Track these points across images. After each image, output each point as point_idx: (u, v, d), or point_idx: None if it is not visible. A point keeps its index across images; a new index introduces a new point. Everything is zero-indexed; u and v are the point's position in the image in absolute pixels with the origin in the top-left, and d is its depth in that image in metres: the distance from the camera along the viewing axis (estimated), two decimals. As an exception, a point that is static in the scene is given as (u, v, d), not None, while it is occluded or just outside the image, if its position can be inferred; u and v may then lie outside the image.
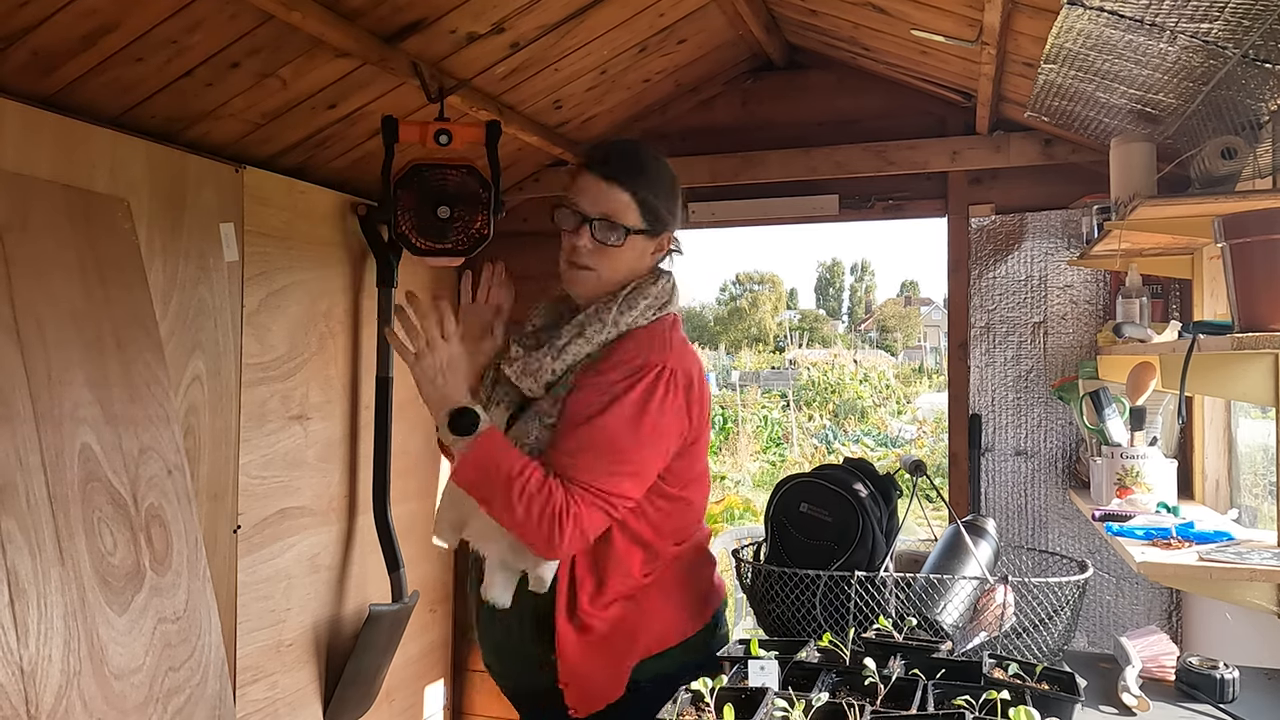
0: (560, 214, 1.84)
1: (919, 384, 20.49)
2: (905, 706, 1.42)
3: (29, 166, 2.23)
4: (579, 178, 1.85)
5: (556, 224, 1.84)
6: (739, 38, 3.38)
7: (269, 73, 2.53)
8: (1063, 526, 3.32)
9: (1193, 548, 2.08)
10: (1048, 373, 3.35)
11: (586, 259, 1.82)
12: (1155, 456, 2.60)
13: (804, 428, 14.27)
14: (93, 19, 2.12)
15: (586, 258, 1.82)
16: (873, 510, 1.97)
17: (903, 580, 1.85)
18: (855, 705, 1.39)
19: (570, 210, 1.83)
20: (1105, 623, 3.19)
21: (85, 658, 2.10)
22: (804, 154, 3.57)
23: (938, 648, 1.66)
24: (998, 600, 1.81)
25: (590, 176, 1.83)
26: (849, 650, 1.62)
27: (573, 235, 1.83)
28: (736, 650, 1.70)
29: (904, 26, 2.79)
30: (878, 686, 1.45)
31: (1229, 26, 1.73)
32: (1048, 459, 3.36)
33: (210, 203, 2.75)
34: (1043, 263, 3.37)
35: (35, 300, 2.18)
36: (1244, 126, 1.94)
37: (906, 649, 1.64)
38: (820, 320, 45.86)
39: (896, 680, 1.47)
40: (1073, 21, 1.84)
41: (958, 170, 3.44)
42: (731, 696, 1.40)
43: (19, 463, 2.07)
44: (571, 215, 1.83)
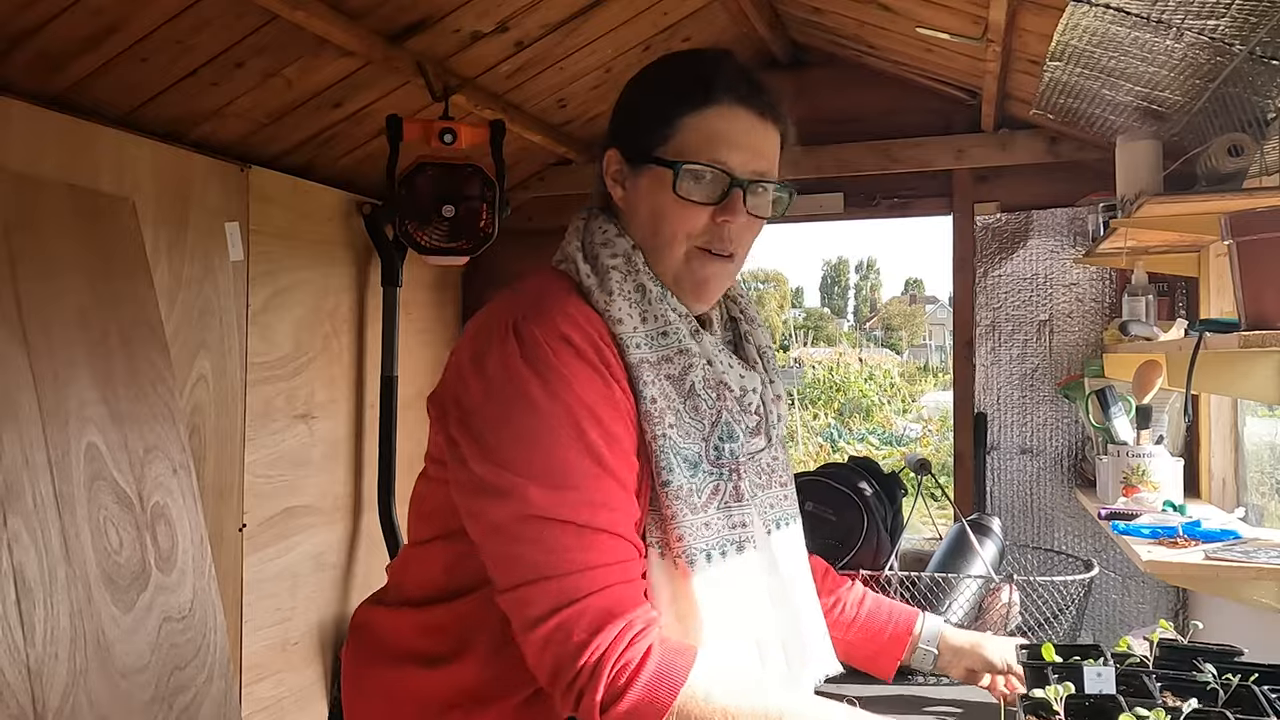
0: (692, 177, 1.16)
1: (924, 382, 20.45)
2: (1260, 714, 1.31)
3: (35, 166, 2.24)
4: (719, 116, 1.18)
5: (681, 195, 1.16)
6: (743, 35, 3.37)
7: (274, 72, 2.53)
8: (1068, 525, 3.31)
9: (1199, 546, 2.07)
10: (1053, 371, 3.35)
11: (735, 243, 1.21)
12: (1161, 455, 2.60)
13: (809, 426, 14.26)
14: (98, 19, 2.13)
15: (736, 242, 1.21)
16: (877, 509, 1.96)
17: (908, 579, 1.84)
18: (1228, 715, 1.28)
19: (715, 170, 1.16)
20: (1111, 622, 3.18)
21: (91, 656, 2.10)
22: (808, 152, 3.55)
23: (1240, 652, 1.58)
24: (1003, 599, 1.81)
25: (743, 112, 1.19)
26: (1152, 656, 1.53)
27: (725, 213, 1.18)
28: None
29: (909, 24, 2.79)
30: (1218, 693, 1.36)
31: (1235, 23, 1.73)
32: (1053, 457, 3.35)
33: (215, 202, 2.75)
34: (1048, 261, 3.36)
35: (41, 300, 2.18)
36: (1251, 123, 1.93)
37: (1207, 653, 1.56)
38: (825, 319, 45.80)
39: (1236, 687, 1.36)
40: (1079, 18, 1.83)
41: (963, 168, 3.44)
42: (1074, 705, 1.31)
43: (25, 461, 2.07)
44: (717, 177, 1.17)
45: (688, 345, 1.16)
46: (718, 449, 1.16)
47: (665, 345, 1.15)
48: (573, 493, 1.05)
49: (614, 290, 1.15)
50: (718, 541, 1.13)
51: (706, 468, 1.15)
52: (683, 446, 1.13)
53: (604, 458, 1.07)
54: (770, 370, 1.29)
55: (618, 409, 1.10)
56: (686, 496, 1.11)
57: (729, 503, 1.15)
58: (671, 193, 1.16)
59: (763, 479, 1.25)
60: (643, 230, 1.20)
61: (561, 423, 1.06)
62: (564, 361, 1.08)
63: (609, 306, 1.14)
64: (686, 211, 1.17)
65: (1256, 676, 1.38)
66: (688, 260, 1.19)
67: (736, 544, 1.15)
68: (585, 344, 1.09)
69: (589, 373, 1.09)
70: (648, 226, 1.20)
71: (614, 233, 1.20)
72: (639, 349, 1.13)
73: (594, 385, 1.08)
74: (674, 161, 1.16)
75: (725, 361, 1.21)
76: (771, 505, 1.25)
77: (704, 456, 1.15)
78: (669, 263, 1.19)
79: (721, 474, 1.16)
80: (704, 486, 1.14)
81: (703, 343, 1.19)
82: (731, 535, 1.15)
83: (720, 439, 1.17)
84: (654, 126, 1.18)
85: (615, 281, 1.15)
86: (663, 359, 1.15)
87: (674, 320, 1.17)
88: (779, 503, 1.27)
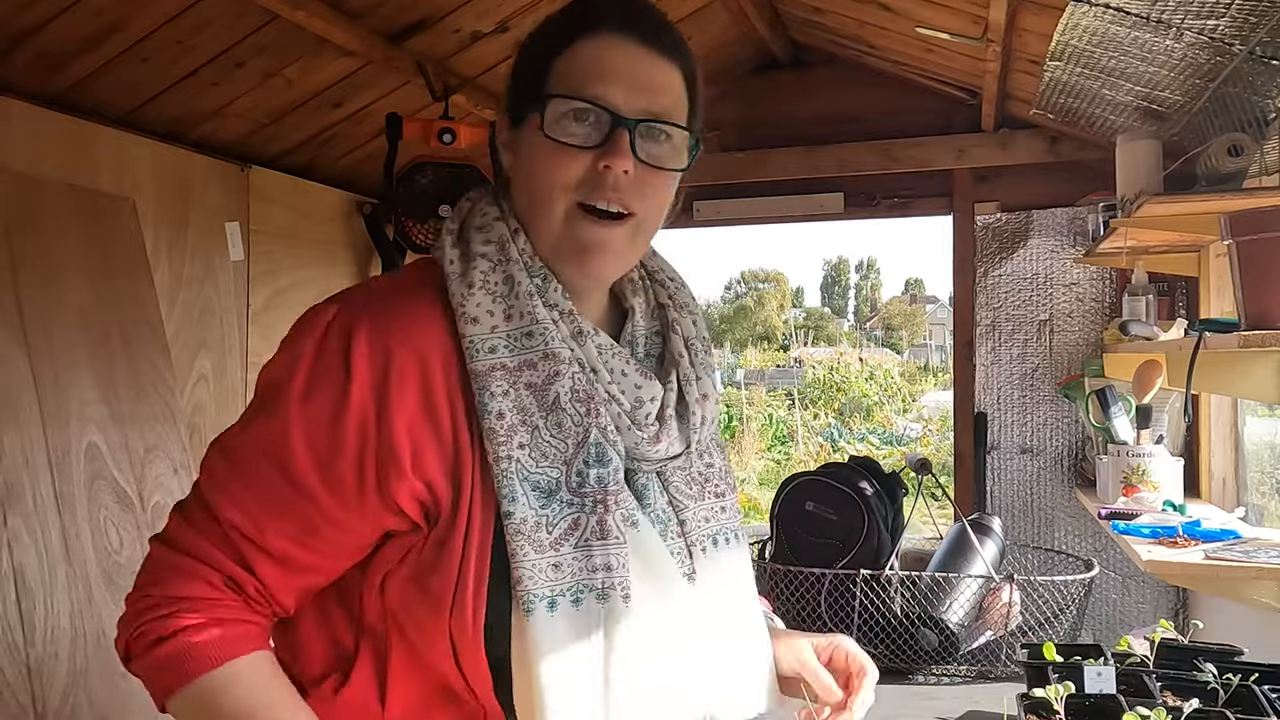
0: (561, 114, 0.98)
1: (924, 382, 20.45)
2: (1260, 713, 1.32)
3: (35, 166, 2.24)
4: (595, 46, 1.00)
5: (550, 136, 0.98)
6: (744, 35, 3.37)
7: (274, 72, 2.53)
8: (1069, 525, 3.31)
9: (1199, 546, 2.08)
10: (1053, 371, 3.35)
11: (628, 198, 0.99)
12: (1161, 454, 2.60)
13: (809, 426, 14.26)
14: (99, 19, 2.13)
15: (628, 196, 0.99)
16: (878, 508, 1.97)
17: (908, 578, 1.85)
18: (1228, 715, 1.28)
19: (592, 107, 0.98)
20: (1111, 621, 3.18)
21: (91, 656, 2.11)
22: (809, 152, 3.56)
23: (1240, 652, 1.58)
24: (1004, 599, 1.81)
25: (624, 41, 1.00)
26: (1153, 656, 1.52)
27: (608, 157, 0.97)
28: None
29: (909, 24, 2.79)
30: (1219, 692, 1.37)
31: (1235, 23, 1.73)
32: (1053, 457, 3.35)
33: (216, 202, 2.76)
34: (1048, 260, 3.36)
35: (42, 300, 2.18)
36: (1251, 123, 1.93)
37: (1207, 653, 1.56)
38: (826, 318, 45.81)
39: (1236, 686, 1.38)
40: (1079, 18, 1.83)
41: (963, 168, 3.44)
42: (1074, 704, 1.31)
43: (25, 461, 2.07)
44: (597, 116, 0.98)
45: (555, 349, 0.97)
46: (581, 475, 0.96)
47: (528, 349, 0.97)
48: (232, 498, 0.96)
49: (475, 282, 0.98)
50: (571, 586, 0.94)
51: (565, 496, 0.95)
52: (533, 472, 0.95)
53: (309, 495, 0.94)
54: (697, 365, 1.09)
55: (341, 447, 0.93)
56: (531, 532, 0.93)
57: (590, 540, 0.95)
58: (543, 137, 0.98)
59: (694, 489, 1.06)
60: (524, 196, 1.02)
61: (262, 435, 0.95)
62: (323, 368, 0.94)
63: (465, 302, 0.96)
64: (559, 157, 0.98)
65: (1257, 676, 1.38)
66: (567, 222, 0.99)
67: (596, 591, 0.94)
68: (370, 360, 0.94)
69: (338, 395, 0.93)
70: (526, 188, 1.02)
71: (494, 215, 1.03)
72: (493, 354, 0.95)
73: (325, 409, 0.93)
74: (543, 98, 0.98)
75: (617, 368, 1.01)
76: (706, 519, 1.06)
77: (563, 483, 0.95)
78: (548, 228, 1.00)
79: (583, 505, 0.95)
80: (558, 520, 0.95)
81: (585, 346, 0.99)
82: (590, 580, 0.94)
83: (586, 463, 0.96)
84: (531, 77, 1.02)
85: (480, 272, 0.98)
86: (524, 364, 0.96)
87: (543, 319, 0.97)
88: (715, 516, 1.08)
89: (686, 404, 1.06)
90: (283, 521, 0.94)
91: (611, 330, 1.08)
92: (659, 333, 1.11)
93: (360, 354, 0.93)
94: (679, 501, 1.04)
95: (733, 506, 1.12)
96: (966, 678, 1.80)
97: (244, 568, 0.95)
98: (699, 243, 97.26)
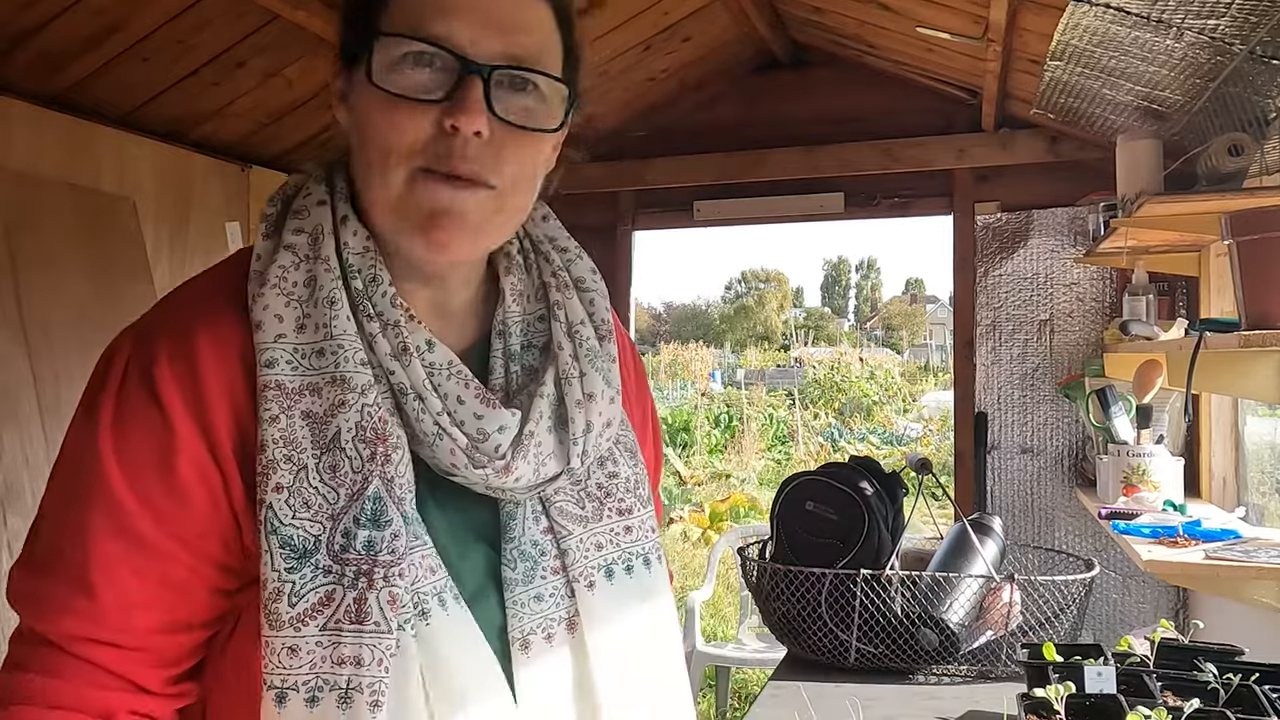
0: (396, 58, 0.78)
1: (925, 382, 20.47)
2: (1261, 713, 1.32)
3: (36, 166, 2.24)
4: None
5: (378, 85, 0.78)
6: (744, 35, 3.38)
7: (275, 72, 2.53)
8: (1069, 524, 3.31)
9: (1199, 546, 2.08)
10: (1054, 370, 3.35)
11: (481, 164, 0.79)
12: (1162, 454, 2.60)
13: (809, 426, 14.26)
14: (100, 19, 2.13)
15: (481, 162, 0.79)
16: (878, 508, 1.96)
17: (908, 578, 1.84)
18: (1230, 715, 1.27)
19: (432, 49, 0.78)
20: (1112, 621, 3.18)
21: (92, 656, 2.11)
22: (809, 152, 3.56)
23: (1241, 652, 1.58)
24: (1004, 599, 1.81)
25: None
26: (1153, 656, 1.52)
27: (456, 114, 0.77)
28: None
29: (909, 23, 2.79)
30: (1219, 692, 1.36)
31: (1236, 23, 1.73)
32: (1054, 457, 3.35)
33: (216, 202, 2.76)
34: (1049, 260, 3.36)
35: (42, 299, 2.18)
36: (1251, 123, 1.93)
37: (1207, 653, 1.56)
38: (826, 318, 45.85)
39: (1238, 686, 1.36)
40: (1079, 18, 1.83)
41: (963, 168, 3.44)
42: (1075, 704, 1.31)
43: (25, 461, 2.07)
44: (441, 61, 0.78)
45: (347, 374, 0.77)
46: (347, 535, 0.75)
47: (315, 369, 0.77)
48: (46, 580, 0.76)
49: (270, 279, 0.79)
50: (307, 680, 0.73)
51: (322, 561, 0.74)
52: (286, 524, 0.74)
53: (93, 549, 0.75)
54: (582, 359, 0.86)
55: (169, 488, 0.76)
56: (270, 600, 0.74)
57: (342, 624, 0.74)
58: (373, 88, 0.78)
59: (587, 508, 0.86)
60: (360, 161, 0.82)
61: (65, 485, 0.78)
62: (123, 402, 0.77)
63: (254, 303, 0.78)
64: (396, 114, 0.77)
65: (1257, 676, 1.38)
66: (410, 186, 0.78)
67: (339, 691, 0.73)
68: (175, 383, 0.76)
69: (149, 428, 0.76)
70: (361, 152, 0.82)
71: (317, 198, 0.84)
72: (270, 369, 0.76)
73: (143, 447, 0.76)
74: (371, 36, 0.79)
75: (452, 393, 0.80)
76: (598, 545, 0.85)
77: (323, 544, 0.75)
78: (385, 196, 0.79)
79: (342, 576, 0.74)
80: (305, 590, 0.74)
81: (410, 366, 0.79)
82: (332, 675, 0.73)
83: (356, 520, 0.75)
84: (362, 12, 0.82)
85: (280, 267, 0.80)
86: (306, 388, 0.77)
87: (340, 333, 0.78)
88: (614, 539, 0.87)
89: (565, 410, 0.84)
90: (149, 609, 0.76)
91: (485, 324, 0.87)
92: (543, 318, 0.89)
93: (166, 377, 0.76)
94: (562, 527, 0.83)
95: (643, 524, 0.89)
96: (967, 677, 1.80)
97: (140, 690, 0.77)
98: (699, 243, 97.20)
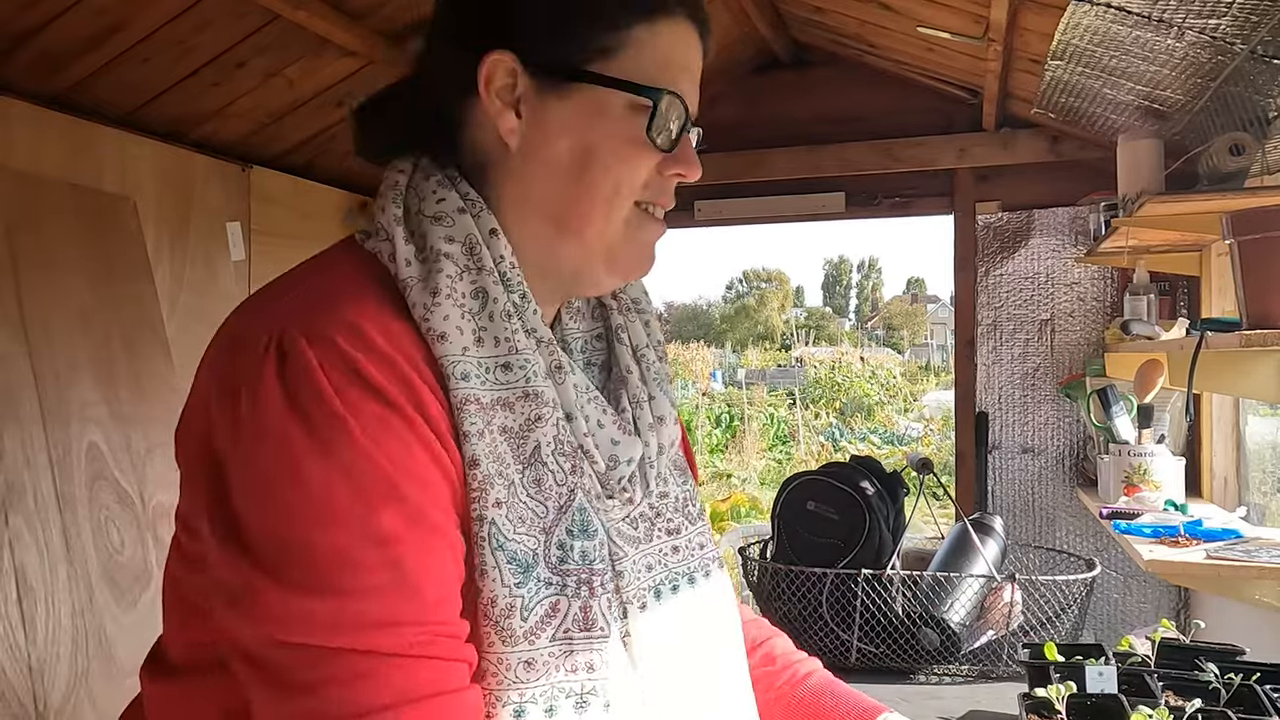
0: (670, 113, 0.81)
1: (926, 382, 20.46)
2: (1262, 713, 1.31)
3: (37, 166, 2.24)
4: (674, 32, 0.84)
5: (654, 139, 0.80)
6: (745, 35, 3.37)
7: (275, 72, 2.53)
8: (1070, 524, 3.31)
9: (1201, 545, 2.07)
10: (1055, 370, 3.35)
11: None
12: (1163, 454, 2.60)
13: (810, 425, 14.27)
14: (101, 19, 2.13)
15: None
16: (879, 508, 1.96)
17: (910, 578, 1.84)
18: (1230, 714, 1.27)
19: (681, 104, 0.82)
20: (1113, 621, 3.18)
21: (93, 656, 2.11)
22: (810, 152, 3.56)
23: (1242, 651, 1.58)
24: (1005, 598, 1.81)
25: (693, 31, 0.86)
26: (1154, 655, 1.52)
27: (683, 166, 0.84)
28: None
29: (910, 23, 2.79)
30: (1220, 692, 1.36)
31: (1237, 23, 1.73)
32: (1055, 457, 3.35)
33: (217, 202, 2.76)
34: (1050, 260, 3.36)
35: (43, 299, 2.18)
36: (1252, 122, 1.93)
37: (1209, 652, 1.54)
38: (827, 318, 45.82)
39: (1239, 686, 1.36)
40: (1080, 18, 1.83)
41: (964, 167, 3.44)
42: (1076, 704, 1.30)
43: (26, 461, 2.07)
44: (679, 114, 0.82)
45: (538, 388, 0.76)
46: (563, 548, 0.75)
47: (507, 383, 0.76)
48: (348, 602, 0.67)
49: (441, 289, 0.75)
50: (545, 691, 0.73)
51: (543, 574, 0.74)
52: (510, 539, 0.73)
53: (401, 547, 0.69)
54: (650, 382, 0.88)
55: (429, 474, 0.71)
56: (502, 617, 0.72)
57: (571, 632, 0.74)
58: (637, 131, 0.79)
59: (639, 529, 0.84)
60: (550, 183, 0.80)
61: (337, 499, 0.68)
62: (350, 403, 0.69)
63: (430, 314, 0.74)
64: (642, 158, 0.80)
65: (1258, 676, 1.38)
66: (628, 226, 0.82)
67: (576, 697, 0.74)
68: (385, 375, 0.71)
69: (388, 421, 0.70)
70: (566, 177, 0.80)
71: (454, 204, 0.79)
72: (466, 382, 0.74)
73: (394, 440, 0.70)
74: (656, 90, 0.79)
75: (593, 416, 0.81)
76: (648, 567, 0.84)
77: (540, 557, 0.74)
78: (601, 232, 0.81)
79: (564, 587, 0.75)
80: (534, 603, 0.73)
81: (564, 386, 0.79)
82: (567, 683, 0.73)
83: (570, 533, 0.76)
84: (591, 29, 0.79)
85: (446, 277, 0.76)
86: (499, 402, 0.75)
87: (524, 348, 0.77)
88: (662, 560, 0.85)
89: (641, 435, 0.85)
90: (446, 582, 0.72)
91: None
92: (600, 337, 0.90)
93: (374, 374, 0.70)
94: (619, 549, 0.81)
95: (690, 544, 0.88)
96: (968, 677, 1.80)
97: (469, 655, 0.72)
98: (700, 242, 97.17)
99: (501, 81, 0.79)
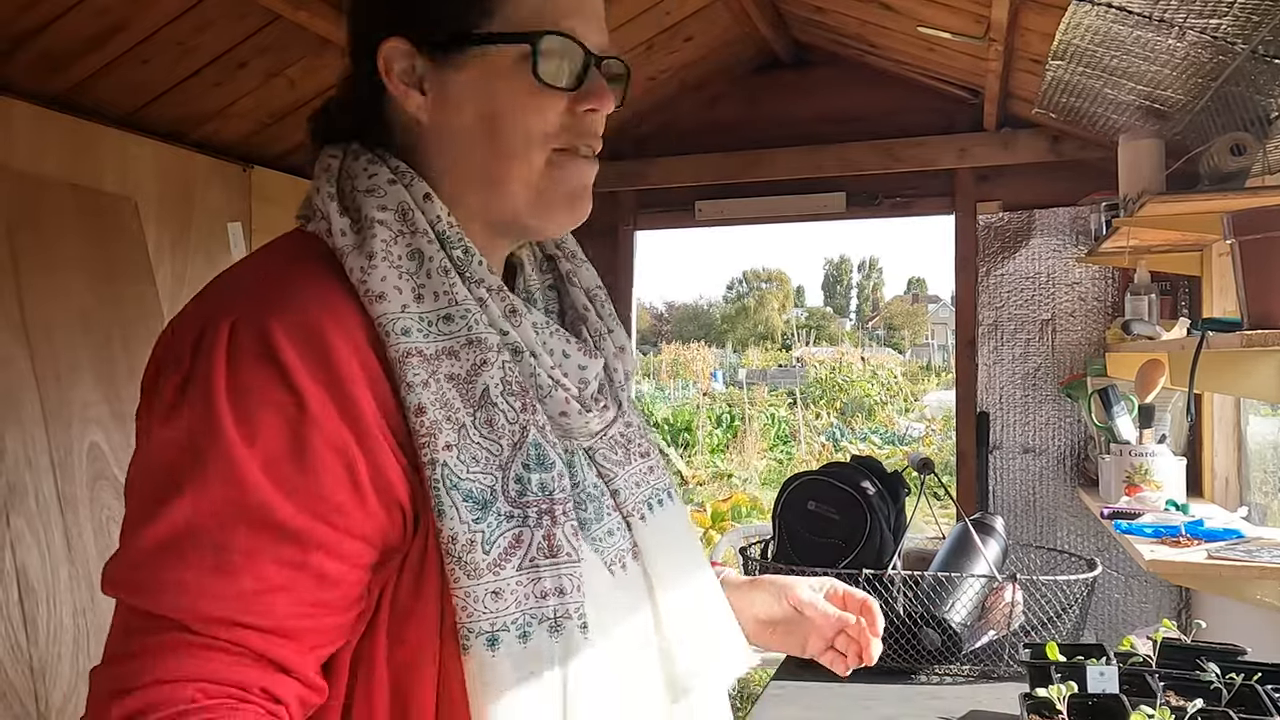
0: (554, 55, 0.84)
1: (926, 382, 20.46)
2: (1263, 713, 1.32)
3: (38, 166, 2.24)
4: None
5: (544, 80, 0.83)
6: (745, 35, 3.37)
7: (276, 72, 2.53)
8: (1071, 524, 3.31)
9: (1202, 545, 2.07)
10: (1056, 370, 3.35)
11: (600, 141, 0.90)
12: (1164, 454, 2.60)
13: (811, 426, 14.27)
14: (102, 19, 2.13)
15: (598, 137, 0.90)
16: (880, 508, 1.96)
17: (911, 578, 1.84)
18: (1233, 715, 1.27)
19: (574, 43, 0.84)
20: (1114, 621, 3.18)
21: (95, 656, 2.11)
22: (811, 152, 3.56)
23: (1243, 651, 1.58)
24: (1006, 598, 1.80)
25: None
26: (1155, 655, 1.52)
27: (594, 99, 0.86)
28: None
29: (911, 23, 2.79)
30: (1221, 692, 1.36)
31: (1238, 22, 1.73)
32: (1056, 456, 3.35)
33: (218, 202, 2.76)
34: (1051, 260, 3.36)
35: (44, 299, 2.18)
36: (1253, 122, 1.93)
37: (1210, 652, 1.54)
38: (827, 318, 45.84)
39: (1240, 686, 1.36)
40: (1081, 17, 1.83)
41: (965, 167, 3.44)
42: (1077, 704, 1.31)
43: (28, 462, 2.07)
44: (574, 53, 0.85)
45: (480, 335, 0.81)
46: (520, 481, 0.80)
47: (448, 333, 0.80)
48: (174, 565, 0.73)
49: (376, 252, 0.80)
50: (515, 619, 0.77)
51: (503, 508, 0.78)
52: (464, 479, 0.77)
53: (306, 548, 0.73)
54: (605, 317, 0.94)
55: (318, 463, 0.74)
56: (464, 552, 0.76)
57: (537, 560, 0.79)
58: (528, 78, 0.82)
59: (619, 454, 0.92)
60: (467, 148, 0.85)
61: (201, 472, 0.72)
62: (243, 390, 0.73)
63: (367, 276, 0.79)
64: (543, 102, 0.83)
65: (1260, 676, 1.38)
66: (550, 168, 0.85)
67: (549, 621, 0.78)
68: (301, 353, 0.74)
69: (284, 409, 0.73)
70: (479, 139, 0.84)
71: (385, 177, 0.85)
72: (405, 336, 0.78)
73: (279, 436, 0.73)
74: (529, 34, 0.82)
75: (557, 348, 0.87)
76: (637, 484, 0.92)
77: (499, 493, 0.79)
78: (524, 181, 0.85)
79: (525, 518, 0.79)
80: (495, 536, 0.77)
81: (521, 326, 0.84)
82: (539, 609, 0.78)
83: (526, 467, 0.80)
84: (455, 5, 0.84)
85: (381, 241, 0.81)
86: (444, 352, 0.80)
87: (464, 299, 0.81)
88: (645, 479, 0.94)
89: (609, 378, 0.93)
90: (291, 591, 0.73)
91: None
92: (552, 286, 0.97)
93: (290, 355, 0.73)
94: (607, 470, 0.90)
95: (658, 466, 0.97)
96: (969, 677, 1.80)
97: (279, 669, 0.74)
98: (700, 242, 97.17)
99: (401, 65, 0.85)
